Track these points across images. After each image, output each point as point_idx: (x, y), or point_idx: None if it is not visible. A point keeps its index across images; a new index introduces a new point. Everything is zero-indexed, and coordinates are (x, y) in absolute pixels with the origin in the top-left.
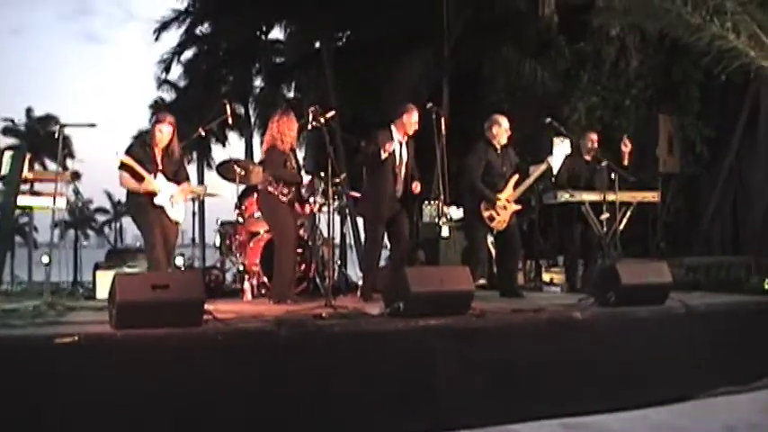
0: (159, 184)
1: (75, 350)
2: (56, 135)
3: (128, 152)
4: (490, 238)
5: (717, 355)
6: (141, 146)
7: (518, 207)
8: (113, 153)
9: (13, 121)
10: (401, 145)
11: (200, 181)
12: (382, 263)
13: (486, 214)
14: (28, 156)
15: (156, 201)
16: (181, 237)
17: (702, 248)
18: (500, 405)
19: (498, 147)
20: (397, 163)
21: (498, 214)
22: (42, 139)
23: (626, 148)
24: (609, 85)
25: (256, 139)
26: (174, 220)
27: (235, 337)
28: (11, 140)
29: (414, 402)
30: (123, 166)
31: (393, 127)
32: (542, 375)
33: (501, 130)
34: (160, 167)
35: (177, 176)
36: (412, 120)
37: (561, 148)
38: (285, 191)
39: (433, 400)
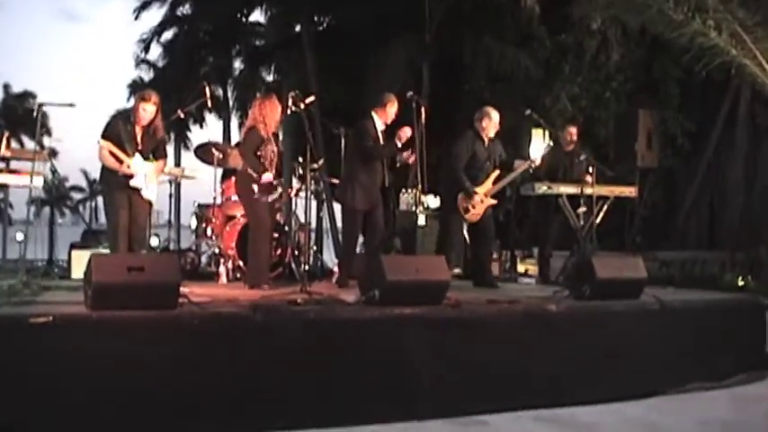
0: (136, 166)
1: (50, 330)
2: (34, 113)
3: (106, 132)
4: (465, 227)
5: (690, 351)
6: (123, 123)
7: (494, 202)
8: (87, 138)
9: None
10: (383, 134)
11: (178, 163)
12: (358, 250)
13: (462, 206)
14: (6, 134)
15: (132, 183)
16: (156, 217)
17: (678, 243)
18: (474, 395)
19: (486, 139)
20: (395, 153)
21: (474, 207)
22: (19, 115)
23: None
24: (589, 77)
25: (234, 122)
26: (147, 200)
27: (210, 320)
28: None
29: (387, 390)
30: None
31: (375, 114)
32: (516, 367)
33: (491, 124)
34: (140, 147)
35: (155, 154)
36: (394, 110)
37: (540, 140)
38: (266, 176)
39: (406, 389)
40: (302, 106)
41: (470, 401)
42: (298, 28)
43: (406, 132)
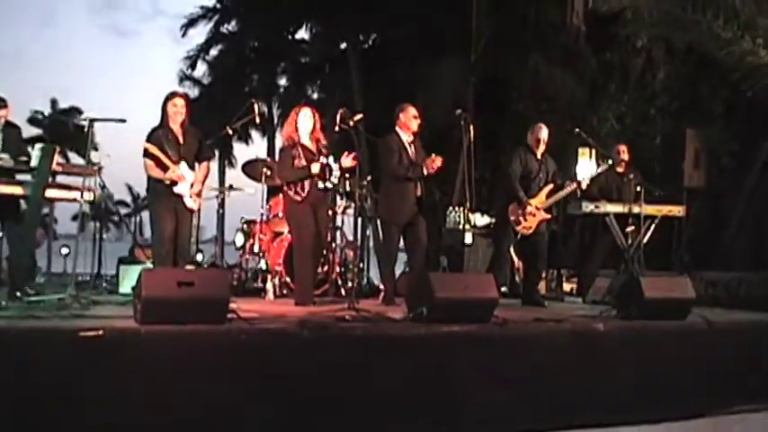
0: (181, 173)
1: (99, 344)
2: (85, 129)
3: (149, 139)
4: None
5: (736, 373)
6: (163, 131)
7: (547, 216)
8: (132, 153)
9: (42, 113)
10: (410, 146)
11: (222, 179)
12: (402, 267)
13: (512, 217)
14: (57, 149)
15: (176, 189)
16: (201, 233)
17: (724, 263)
18: (519, 414)
19: (538, 153)
20: (413, 163)
21: (525, 219)
22: (66, 131)
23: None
24: (635, 96)
25: (279, 139)
26: (190, 208)
27: (258, 336)
28: (36, 131)
29: (433, 408)
30: (147, 154)
31: (398, 129)
32: (562, 386)
33: (535, 137)
34: (182, 152)
35: (199, 156)
36: (410, 116)
37: (587, 160)
38: (301, 190)
39: (452, 407)
40: (351, 124)
41: (516, 420)
42: (343, 45)
43: (435, 163)
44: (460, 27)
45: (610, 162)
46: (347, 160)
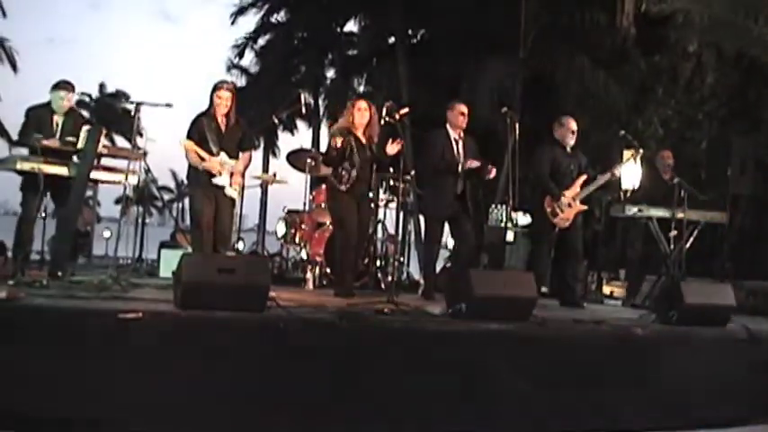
0: (221, 163)
1: (138, 326)
2: (132, 113)
3: (190, 131)
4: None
5: None
6: (207, 119)
7: (584, 207)
8: (176, 139)
9: (90, 96)
10: (457, 143)
11: (266, 169)
12: (443, 263)
13: (548, 209)
14: (103, 131)
15: (215, 180)
16: (243, 221)
17: (766, 273)
18: (555, 415)
19: (567, 147)
20: (457, 161)
21: (562, 211)
22: (113, 114)
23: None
24: (683, 100)
25: (324, 130)
26: (230, 197)
27: (297, 325)
28: (83, 114)
29: (468, 405)
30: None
31: (448, 126)
32: (599, 389)
33: (568, 131)
34: (224, 142)
35: (242, 145)
36: (457, 113)
37: (631, 161)
38: (345, 180)
39: (488, 405)
40: (397, 117)
41: (552, 421)
42: (391, 39)
43: (490, 174)
44: (508, 25)
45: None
46: (392, 147)
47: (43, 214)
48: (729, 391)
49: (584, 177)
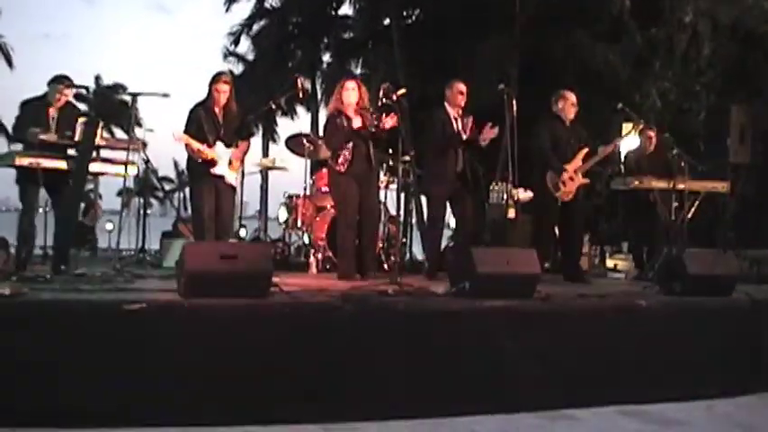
0: (218, 153)
1: (143, 317)
2: (129, 104)
3: (188, 123)
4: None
5: None
6: (205, 111)
7: (586, 180)
8: (170, 133)
9: (87, 88)
10: (457, 120)
11: (265, 154)
12: (446, 242)
13: (551, 184)
14: (101, 124)
15: (214, 170)
16: (245, 209)
17: None
18: (561, 389)
19: (566, 121)
20: (460, 135)
21: (564, 185)
22: (111, 106)
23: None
24: (680, 72)
25: (322, 114)
26: (230, 184)
27: (301, 309)
28: (81, 106)
29: (475, 382)
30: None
31: (447, 105)
32: (604, 362)
33: (567, 104)
34: (222, 132)
35: (240, 134)
36: (456, 92)
37: (631, 135)
38: (344, 160)
39: (494, 382)
40: (394, 98)
41: (558, 395)
42: (386, 21)
43: (489, 134)
44: (504, 3)
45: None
46: (388, 120)
47: (47, 209)
48: (734, 361)
49: (585, 151)
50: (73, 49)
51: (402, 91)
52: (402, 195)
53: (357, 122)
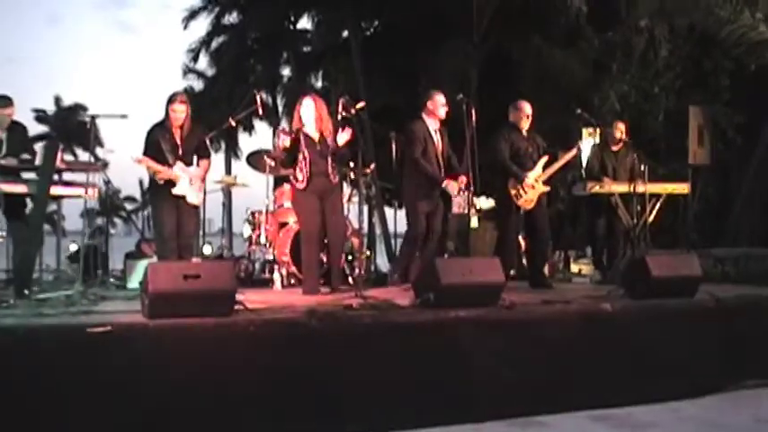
0: (178, 173)
1: (108, 340)
2: (88, 125)
3: (146, 145)
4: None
5: (747, 348)
6: (161, 131)
7: (546, 188)
8: (129, 157)
9: (44, 111)
10: (436, 132)
11: (228, 171)
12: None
13: (512, 192)
14: (61, 147)
15: (175, 191)
16: (208, 226)
17: (732, 239)
18: (529, 396)
19: (523, 131)
20: (437, 152)
21: (525, 192)
22: (71, 128)
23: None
24: (638, 75)
25: None
26: (192, 204)
27: (266, 327)
28: (42, 128)
29: (443, 393)
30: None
31: (424, 115)
32: (572, 367)
33: (521, 115)
34: (180, 152)
35: (198, 154)
36: (438, 104)
37: (591, 139)
38: (302, 177)
39: (463, 391)
40: (353, 112)
41: (527, 402)
42: (345, 33)
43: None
44: (462, 11)
45: (596, 142)
46: (343, 136)
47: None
48: (700, 361)
49: (545, 158)
50: (37, 72)
51: (361, 104)
52: (365, 208)
53: (316, 138)
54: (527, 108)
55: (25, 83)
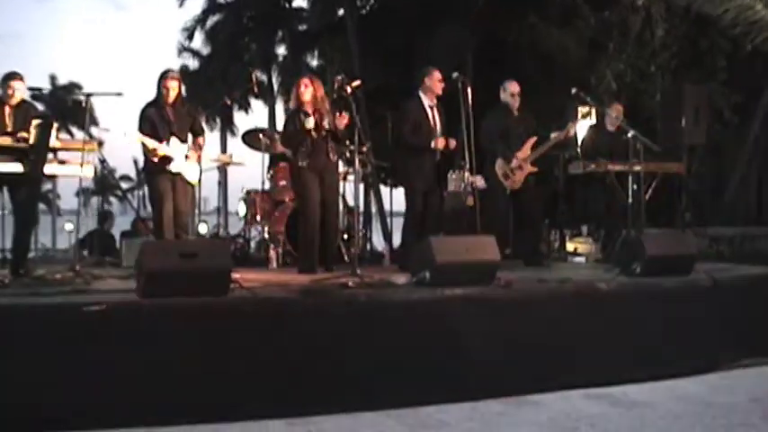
0: (173, 150)
1: (102, 318)
2: (83, 104)
3: (141, 122)
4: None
5: (742, 327)
6: (156, 108)
7: (534, 169)
8: (122, 133)
9: (40, 89)
10: (432, 109)
11: (224, 149)
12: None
13: (500, 172)
14: (55, 125)
15: (171, 167)
16: (204, 204)
17: (727, 219)
18: (524, 375)
19: (514, 111)
20: (433, 128)
21: (513, 173)
22: (67, 106)
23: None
24: (634, 54)
25: (279, 107)
26: (190, 182)
27: (261, 306)
28: (38, 106)
29: (438, 371)
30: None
31: (420, 93)
32: (567, 346)
33: (508, 96)
34: (174, 128)
35: (193, 131)
36: (435, 80)
37: (586, 118)
38: (304, 155)
39: (458, 370)
40: (349, 90)
41: (522, 381)
42: (341, 12)
43: (441, 143)
44: None
45: (591, 122)
46: (339, 121)
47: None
48: (696, 340)
49: (533, 139)
50: (28, 49)
51: (357, 83)
52: (361, 186)
53: (313, 120)
54: (515, 87)
55: (17, 62)
